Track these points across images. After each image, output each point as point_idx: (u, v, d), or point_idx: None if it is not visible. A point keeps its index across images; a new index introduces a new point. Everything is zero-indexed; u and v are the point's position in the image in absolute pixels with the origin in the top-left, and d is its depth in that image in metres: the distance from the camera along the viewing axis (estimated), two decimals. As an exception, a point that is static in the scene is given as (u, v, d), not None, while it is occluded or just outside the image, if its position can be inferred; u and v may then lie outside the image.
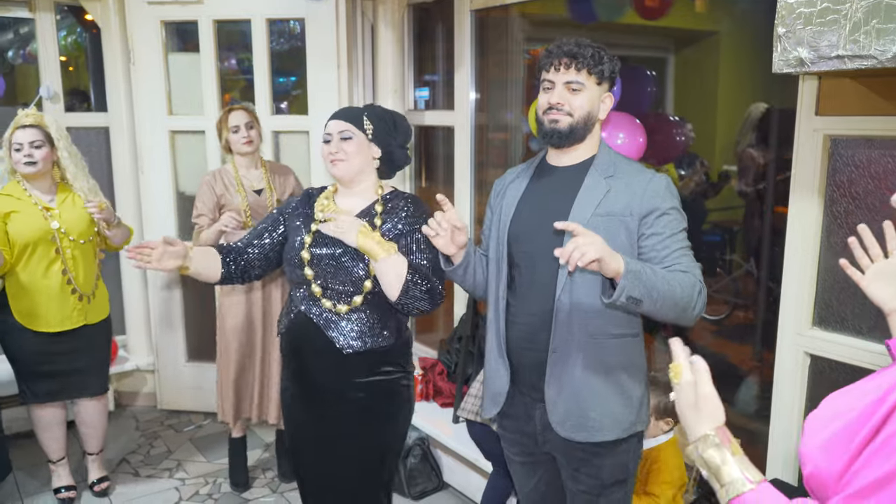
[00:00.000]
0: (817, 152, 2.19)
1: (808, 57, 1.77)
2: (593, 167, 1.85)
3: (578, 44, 1.80)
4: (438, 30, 4.02)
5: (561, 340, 1.82)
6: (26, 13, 3.79)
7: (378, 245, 1.98)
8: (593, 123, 1.85)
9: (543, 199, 1.89)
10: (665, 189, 1.81)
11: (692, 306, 1.72)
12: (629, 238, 1.78)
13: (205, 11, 3.63)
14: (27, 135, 2.83)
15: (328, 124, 2.13)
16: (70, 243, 2.91)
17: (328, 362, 2.08)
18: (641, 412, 1.90)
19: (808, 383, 2.32)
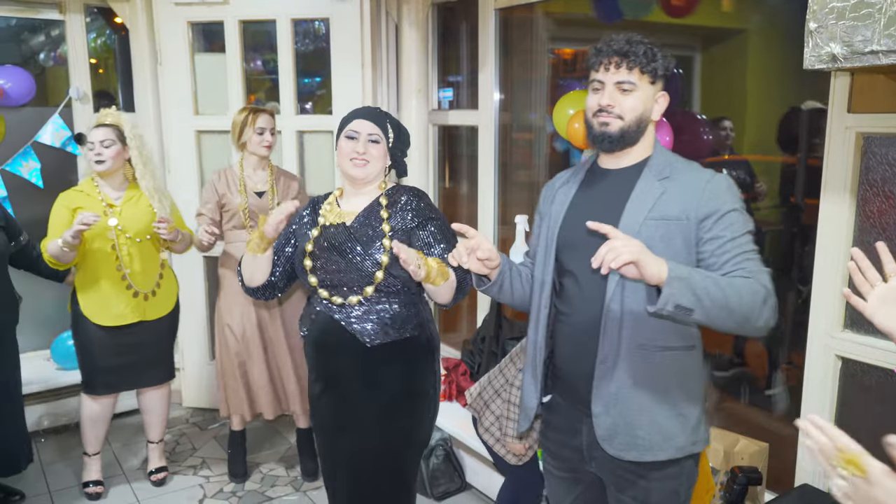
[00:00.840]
0: (849, 150, 2.14)
1: (841, 53, 1.73)
2: (647, 169, 1.73)
3: (630, 41, 1.69)
4: (462, 29, 4.01)
5: (609, 351, 1.70)
6: (57, 15, 3.85)
7: (440, 274, 1.94)
8: (646, 125, 1.74)
9: (594, 204, 1.78)
10: (726, 190, 1.68)
11: (756, 316, 1.56)
12: (686, 244, 1.66)
13: (231, 12, 3.66)
14: (99, 134, 2.94)
15: (354, 122, 2.10)
16: (127, 241, 2.98)
17: (354, 357, 2.08)
18: (699, 432, 1.75)
19: (839, 387, 2.28)
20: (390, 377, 2.10)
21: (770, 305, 1.57)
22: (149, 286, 3.06)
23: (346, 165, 2.10)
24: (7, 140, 3.67)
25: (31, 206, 3.74)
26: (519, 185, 3.97)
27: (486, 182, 3.64)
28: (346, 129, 2.10)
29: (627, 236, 1.51)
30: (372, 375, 2.10)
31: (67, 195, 3.00)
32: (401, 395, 2.12)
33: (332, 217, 2.13)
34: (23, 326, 3.10)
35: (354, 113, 2.14)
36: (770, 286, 1.59)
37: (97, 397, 3.14)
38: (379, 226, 2.08)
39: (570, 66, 4.95)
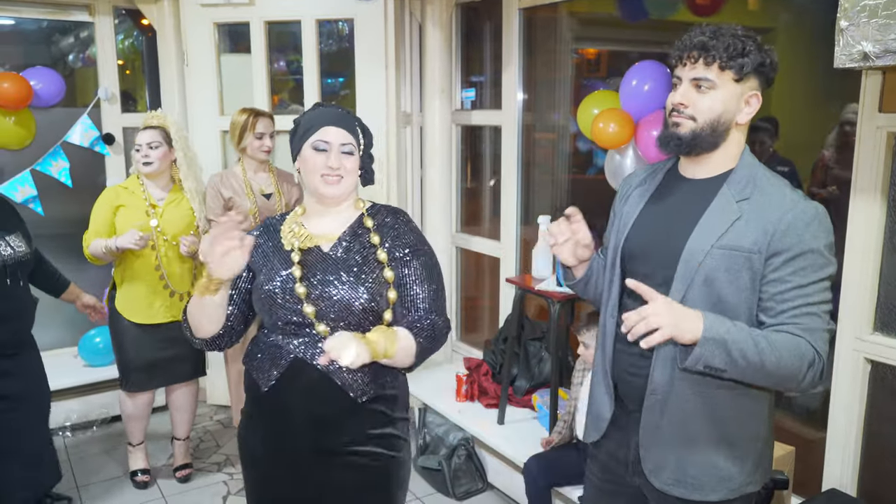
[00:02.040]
0: (880, 150, 2.11)
1: (873, 51, 1.70)
2: (727, 185, 1.54)
3: (715, 33, 1.50)
4: (486, 29, 4.01)
5: (661, 382, 1.57)
6: (86, 17, 3.90)
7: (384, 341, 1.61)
8: (727, 129, 1.53)
9: (665, 216, 1.62)
10: (808, 223, 1.45)
11: (798, 379, 1.44)
12: (753, 280, 1.48)
13: (256, 13, 3.69)
14: (146, 136, 3.01)
15: (322, 130, 1.74)
16: (165, 242, 3.03)
17: (335, 417, 1.73)
18: (756, 475, 1.62)
19: (869, 390, 2.24)
20: (367, 437, 1.77)
21: (816, 369, 1.45)
22: (185, 287, 3.11)
23: (316, 182, 1.74)
24: (37, 140, 3.72)
25: (61, 206, 3.81)
26: (542, 185, 3.96)
27: (509, 182, 3.63)
28: (313, 138, 1.74)
29: (666, 302, 1.41)
30: (348, 436, 1.75)
31: (113, 191, 3.07)
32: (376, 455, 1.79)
33: (304, 240, 1.76)
34: (51, 324, 3.14)
35: (319, 117, 1.77)
36: (823, 349, 1.46)
37: (131, 394, 3.19)
38: (372, 255, 1.75)
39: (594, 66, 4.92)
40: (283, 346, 1.74)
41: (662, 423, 1.59)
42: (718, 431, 1.57)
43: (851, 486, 2.28)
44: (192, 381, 3.32)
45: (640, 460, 1.65)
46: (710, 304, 1.50)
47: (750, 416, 1.59)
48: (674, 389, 1.56)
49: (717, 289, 1.50)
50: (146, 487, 3.29)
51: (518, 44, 3.51)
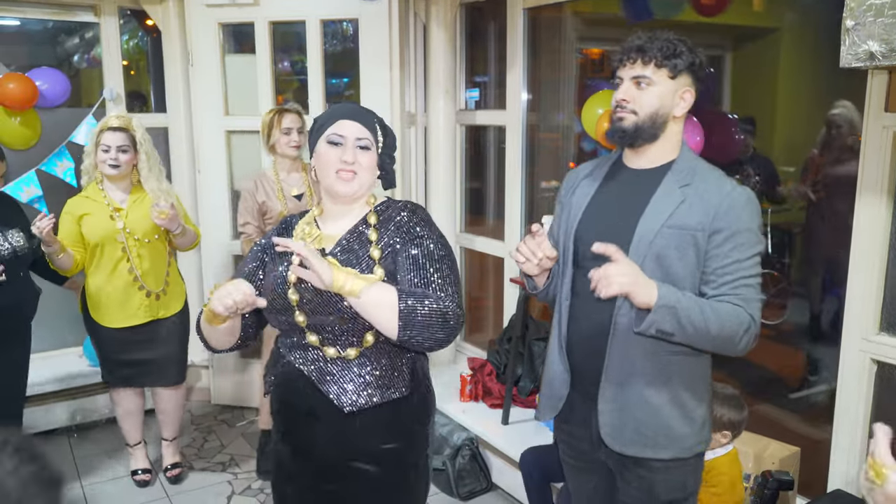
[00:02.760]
0: (887, 150, 2.10)
1: (880, 50, 1.70)
2: (670, 173, 1.72)
3: (651, 37, 1.69)
4: (490, 29, 4.01)
5: (617, 353, 1.73)
6: (92, 17, 3.91)
7: (354, 277, 1.54)
8: (664, 122, 1.71)
9: (613, 204, 1.78)
10: (743, 206, 1.66)
11: (735, 342, 1.64)
12: (697, 255, 1.67)
13: (261, 13, 3.69)
14: (117, 138, 2.95)
15: (337, 123, 1.69)
16: (136, 242, 3.01)
17: (326, 427, 1.68)
18: (704, 432, 1.80)
19: (875, 391, 2.24)
20: (374, 451, 1.70)
21: (751, 334, 1.65)
22: (159, 285, 3.09)
23: (330, 178, 1.68)
24: (42, 140, 3.74)
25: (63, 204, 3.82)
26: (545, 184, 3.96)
27: (514, 182, 3.63)
28: (328, 131, 1.69)
29: (627, 262, 1.57)
30: (352, 449, 1.70)
31: (74, 202, 3.02)
32: (387, 472, 1.72)
33: (311, 241, 1.71)
34: (55, 324, 3.16)
35: (336, 111, 1.74)
36: (757, 316, 1.65)
37: (118, 390, 3.19)
38: (366, 253, 1.67)
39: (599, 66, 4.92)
40: (282, 350, 1.74)
41: (619, 390, 1.74)
42: (670, 394, 1.73)
43: (857, 488, 2.27)
44: (179, 385, 3.30)
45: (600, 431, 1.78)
46: (660, 278, 1.65)
47: (696, 379, 1.77)
48: (629, 356, 1.72)
49: (666, 265, 1.67)
50: (147, 486, 3.29)
51: (522, 44, 3.51)
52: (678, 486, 1.81)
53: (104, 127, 2.97)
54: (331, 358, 1.66)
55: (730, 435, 2.23)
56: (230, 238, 3.98)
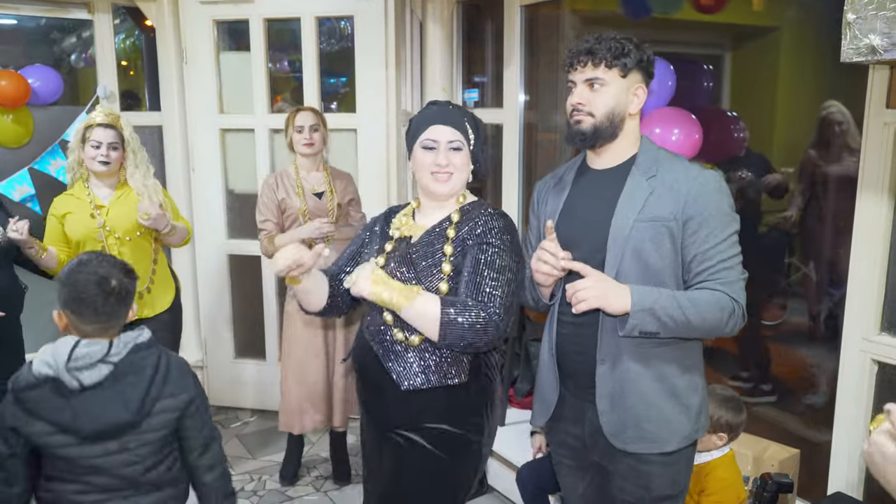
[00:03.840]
0: (888, 147, 2.07)
1: (881, 44, 1.67)
2: (634, 167, 1.74)
3: (599, 38, 1.71)
4: (488, 28, 3.98)
5: (609, 350, 1.74)
6: (85, 14, 3.89)
7: (398, 293, 1.74)
8: (621, 119, 1.73)
9: (585, 206, 1.80)
10: (712, 190, 1.67)
11: (721, 327, 1.67)
12: (674, 245, 1.69)
13: (255, 10, 3.66)
14: (108, 135, 2.89)
15: (430, 129, 1.84)
16: (116, 240, 2.93)
17: (391, 401, 1.85)
18: (700, 420, 1.80)
19: (875, 392, 2.20)
20: (426, 428, 1.84)
21: (736, 316, 1.67)
22: (143, 283, 2.99)
23: (427, 180, 1.84)
24: (35, 139, 3.71)
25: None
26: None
27: (511, 181, 3.60)
28: (422, 137, 1.84)
29: (598, 276, 1.63)
30: (408, 423, 1.85)
31: (59, 200, 2.97)
32: (437, 449, 1.84)
33: (404, 229, 1.91)
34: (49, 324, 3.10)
35: (429, 117, 1.87)
36: (740, 297, 1.67)
37: None
38: (441, 246, 1.83)
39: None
40: (364, 323, 1.94)
41: (615, 388, 1.74)
42: (664, 386, 1.74)
43: (858, 490, 2.24)
44: None
45: (594, 434, 1.79)
46: (640, 272, 1.68)
47: (687, 368, 1.77)
48: (622, 354, 1.72)
49: (644, 258, 1.68)
50: None
51: (519, 41, 3.48)
52: (671, 481, 1.81)
53: (92, 123, 2.91)
54: (398, 340, 1.82)
55: (726, 437, 2.20)
56: (225, 237, 3.95)
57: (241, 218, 4.01)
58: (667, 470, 1.79)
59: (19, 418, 1.61)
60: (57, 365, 1.60)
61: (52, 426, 1.60)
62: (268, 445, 3.68)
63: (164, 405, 1.71)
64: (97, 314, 1.65)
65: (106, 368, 1.64)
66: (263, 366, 4.03)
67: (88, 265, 1.68)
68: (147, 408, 1.67)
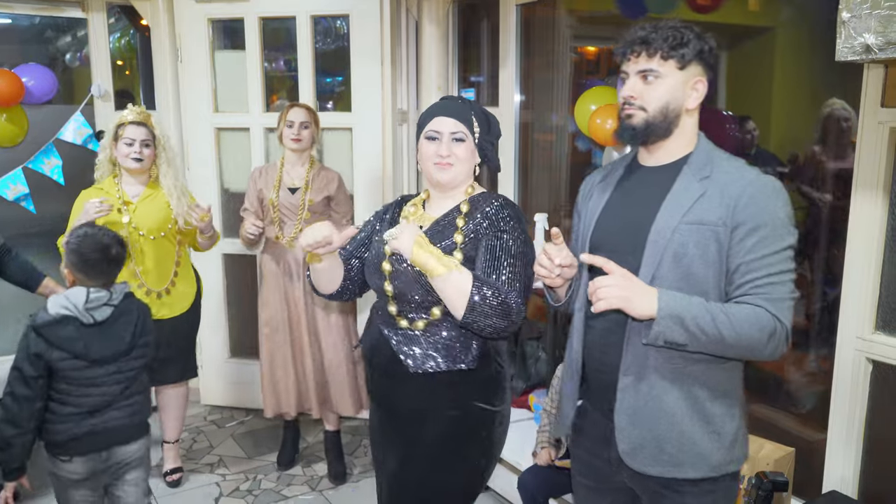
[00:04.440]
0: (882, 146, 2.07)
1: (876, 43, 1.66)
2: (687, 166, 1.60)
3: (656, 27, 1.58)
4: (484, 27, 3.97)
5: (634, 363, 1.60)
6: (79, 13, 3.87)
7: (436, 260, 1.73)
8: (677, 115, 1.60)
9: (629, 205, 1.67)
10: (768, 195, 1.52)
11: (759, 348, 1.51)
12: (720, 252, 1.53)
13: (250, 9, 3.65)
14: (140, 133, 2.93)
15: (434, 121, 1.87)
16: (140, 238, 2.96)
17: (400, 385, 1.88)
18: (735, 451, 1.63)
19: (870, 391, 2.20)
20: (440, 414, 1.87)
21: (778, 338, 1.51)
22: (162, 284, 3.03)
23: (430, 169, 1.88)
24: (29, 137, 3.70)
25: (53, 204, 3.77)
26: (539, 183, 3.93)
27: (506, 180, 3.59)
28: (427, 129, 1.88)
29: (622, 274, 1.50)
30: (416, 407, 1.89)
31: (87, 193, 3.01)
32: (450, 434, 1.87)
33: (414, 219, 1.94)
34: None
35: (434, 109, 1.91)
36: (784, 317, 1.51)
37: None
38: (451, 235, 1.85)
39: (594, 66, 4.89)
40: (373, 311, 1.97)
41: (637, 404, 1.61)
42: (693, 407, 1.59)
43: (852, 489, 2.24)
44: (181, 383, 3.27)
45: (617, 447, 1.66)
46: (680, 279, 1.55)
47: (722, 391, 1.62)
48: (648, 368, 1.59)
49: (685, 264, 1.55)
50: None
51: (515, 40, 3.47)
52: None
53: (124, 121, 2.95)
54: (402, 327, 1.86)
55: None
56: (221, 236, 3.93)
57: (236, 217, 3.99)
58: (701, 500, 1.64)
59: (41, 347, 2.07)
60: (75, 307, 2.09)
61: (67, 353, 2.09)
62: (263, 445, 3.67)
63: (145, 340, 2.26)
64: (101, 274, 2.17)
65: (109, 310, 2.16)
66: (258, 365, 4.00)
67: (94, 238, 2.17)
68: (135, 341, 2.22)
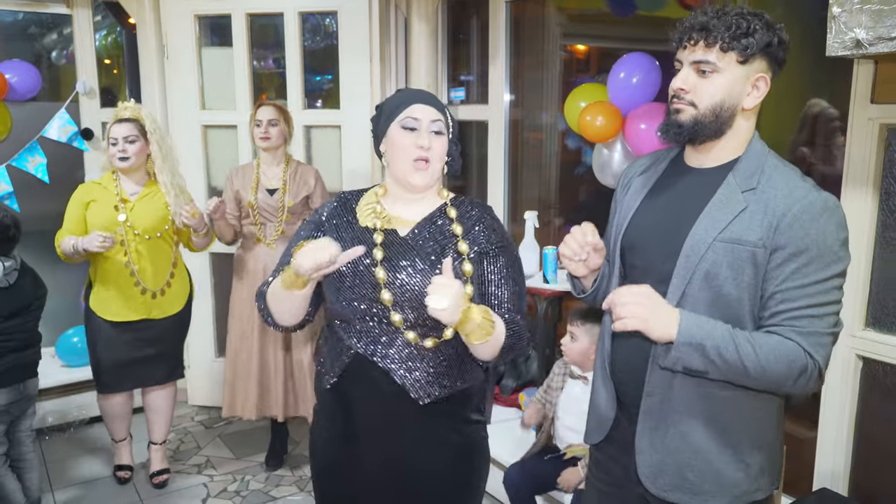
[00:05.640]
0: (872, 142, 2.07)
1: (866, 38, 1.66)
2: (732, 174, 1.44)
3: (719, 12, 1.40)
4: (474, 25, 3.96)
5: (659, 384, 1.49)
6: (64, 9, 3.82)
7: (479, 327, 1.47)
8: (731, 115, 1.44)
9: (666, 207, 1.53)
10: (816, 215, 1.36)
11: (785, 385, 1.39)
12: (756, 276, 1.39)
13: (238, 5, 3.62)
14: (122, 129, 2.89)
15: (412, 107, 1.63)
16: (135, 237, 2.92)
17: (398, 419, 1.63)
18: (761, 480, 1.52)
19: (860, 388, 2.20)
20: (444, 442, 1.67)
21: (809, 375, 1.37)
22: (158, 284, 3.00)
23: (406, 167, 1.62)
24: (13, 135, 3.65)
25: (37, 202, 3.72)
26: (529, 181, 3.92)
27: (496, 178, 3.58)
28: (402, 116, 1.62)
29: (647, 294, 1.38)
30: (421, 441, 1.66)
31: (85, 187, 2.99)
32: (454, 462, 1.70)
33: (383, 222, 1.66)
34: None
35: (408, 96, 1.67)
36: (820, 353, 1.36)
37: (104, 395, 3.11)
38: (451, 245, 1.63)
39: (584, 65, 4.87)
40: (344, 339, 1.64)
41: (660, 426, 1.51)
42: (720, 434, 1.48)
43: (843, 486, 2.24)
44: (169, 384, 3.23)
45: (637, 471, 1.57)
46: (711, 299, 1.43)
47: (754, 420, 1.50)
48: (673, 390, 1.48)
49: (717, 284, 1.42)
50: (125, 483, 3.22)
51: (505, 37, 3.46)
52: None
53: (113, 119, 2.93)
54: (406, 342, 1.60)
55: None
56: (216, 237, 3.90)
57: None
58: None
59: None
60: None
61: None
62: (250, 446, 3.64)
63: (41, 293, 2.72)
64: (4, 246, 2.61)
65: (16, 274, 2.61)
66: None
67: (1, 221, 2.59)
68: (34, 296, 2.68)
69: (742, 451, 1.49)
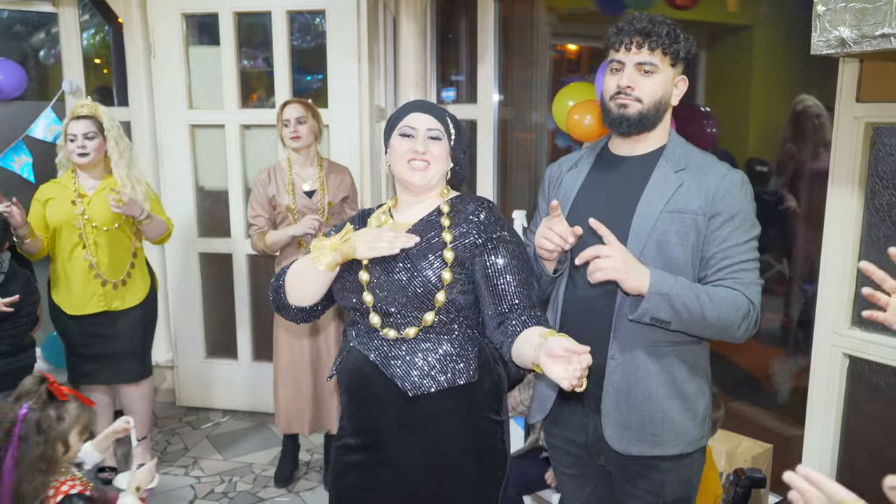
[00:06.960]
0: (858, 141, 2.08)
1: (851, 36, 1.67)
2: (663, 158, 1.67)
3: (653, 20, 1.60)
4: (462, 25, 3.95)
5: (621, 348, 1.64)
6: (50, 7, 3.79)
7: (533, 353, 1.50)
8: (665, 110, 1.66)
9: (606, 193, 1.70)
10: (738, 189, 1.62)
11: (734, 328, 1.58)
12: (697, 240, 1.62)
13: (225, 3, 3.60)
14: (81, 126, 2.93)
15: (409, 117, 1.73)
16: (93, 230, 2.97)
17: (393, 413, 1.68)
18: (705, 426, 1.72)
19: (847, 386, 2.21)
20: (444, 438, 1.68)
21: (751, 320, 1.60)
22: (118, 276, 3.04)
23: (403, 169, 1.71)
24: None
25: (23, 201, 3.63)
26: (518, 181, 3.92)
27: (485, 177, 3.57)
28: (400, 125, 1.73)
29: (618, 247, 1.52)
30: (421, 433, 1.68)
31: (44, 187, 3.05)
32: (459, 459, 1.69)
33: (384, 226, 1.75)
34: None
35: (409, 106, 1.78)
36: (756, 300, 1.60)
37: (83, 388, 3.08)
38: (437, 236, 1.69)
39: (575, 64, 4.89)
40: (347, 334, 1.77)
41: (624, 387, 1.65)
42: (672, 387, 1.66)
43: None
44: (142, 383, 3.22)
45: (600, 440, 1.68)
46: (662, 265, 1.59)
47: (697, 372, 1.70)
48: (634, 352, 1.64)
49: (668, 250, 1.61)
50: (108, 484, 3.19)
51: (494, 36, 3.46)
52: (685, 482, 1.73)
53: (70, 116, 2.97)
54: (393, 340, 1.67)
55: None
56: (196, 235, 3.88)
57: (212, 216, 3.94)
58: (680, 474, 1.71)
59: None
60: None
61: None
62: (239, 446, 3.62)
63: (31, 299, 2.79)
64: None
65: (1, 277, 2.66)
66: (235, 366, 3.97)
67: None
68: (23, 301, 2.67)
69: (688, 399, 1.68)
